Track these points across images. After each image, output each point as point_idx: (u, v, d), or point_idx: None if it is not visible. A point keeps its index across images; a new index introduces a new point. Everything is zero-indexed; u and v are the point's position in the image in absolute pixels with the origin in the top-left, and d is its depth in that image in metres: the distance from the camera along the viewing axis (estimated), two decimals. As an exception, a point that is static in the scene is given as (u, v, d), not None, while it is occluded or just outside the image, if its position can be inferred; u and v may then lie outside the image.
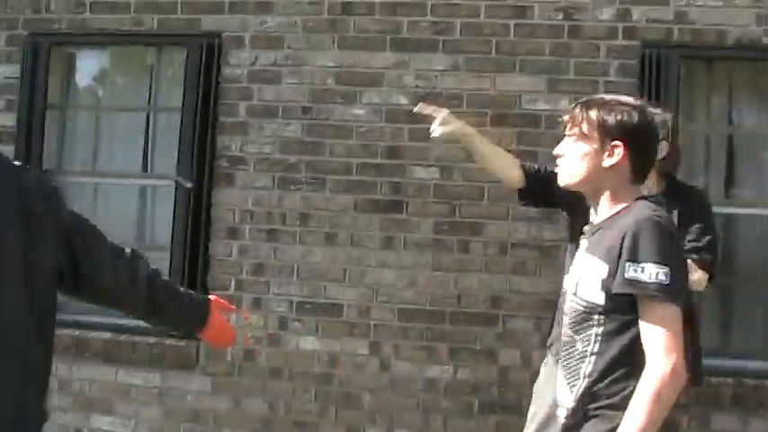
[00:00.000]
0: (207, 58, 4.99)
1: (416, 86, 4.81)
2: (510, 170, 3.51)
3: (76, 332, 4.99)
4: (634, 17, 4.68)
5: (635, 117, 2.42)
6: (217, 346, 2.56)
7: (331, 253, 4.86)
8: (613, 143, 2.42)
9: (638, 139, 2.43)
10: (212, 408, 4.94)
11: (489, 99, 4.77)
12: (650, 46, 4.65)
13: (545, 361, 3.68)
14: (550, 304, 3.55)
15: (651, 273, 2.30)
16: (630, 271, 2.32)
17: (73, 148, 5.47)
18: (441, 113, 3.43)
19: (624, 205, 2.46)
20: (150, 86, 5.38)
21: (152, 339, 4.98)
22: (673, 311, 2.32)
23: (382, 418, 4.78)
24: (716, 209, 4.74)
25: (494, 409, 4.64)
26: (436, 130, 3.41)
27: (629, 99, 2.52)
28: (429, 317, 4.75)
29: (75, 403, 5.07)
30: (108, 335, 5.04)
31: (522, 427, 3.74)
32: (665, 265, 2.30)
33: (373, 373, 4.80)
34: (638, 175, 2.48)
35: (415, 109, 3.57)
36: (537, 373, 3.78)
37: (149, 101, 5.40)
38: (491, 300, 4.71)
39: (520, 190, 3.54)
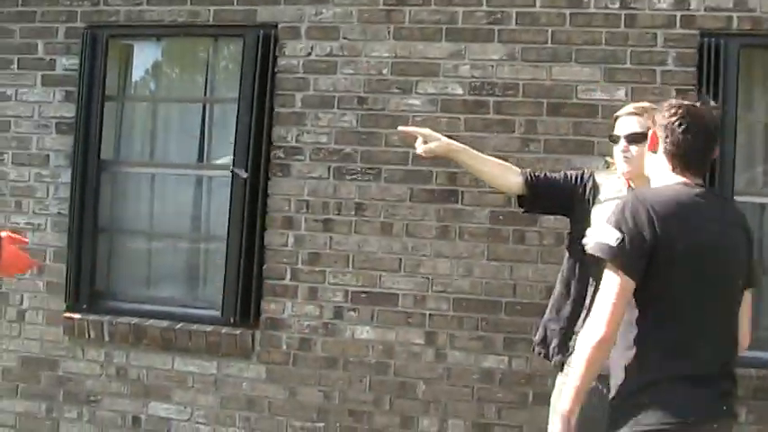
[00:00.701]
0: (263, 48, 5.03)
1: (472, 76, 4.81)
2: (504, 178, 3.53)
3: (134, 320, 5.05)
4: (692, 5, 4.62)
5: (669, 113, 2.71)
6: (10, 275, 2.94)
7: (386, 242, 4.87)
8: (652, 136, 2.77)
9: (667, 131, 2.70)
10: (268, 396, 4.99)
11: (545, 89, 4.74)
12: (709, 34, 4.60)
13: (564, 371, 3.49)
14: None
15: (602, 232, 2.56)
16: (593, 231, 2.68)
17: (130, 139, 5.54)
18: (422, 132, 3.54)
19: None
20: (206, 77, 5.42)
21: (209, 328, 5.04)
22: (611, 279, 2.50)
23: (437, 407, 4.80)
24: (775, 199, 4.77)
25: (549, 401, 4.59)
26: (419, 147, 3.51)
27: (683, 101, 2.76)
28: (484, 307, 4.75)
29: (133, 390, 5.15)
30: (165, 323, 5.09)
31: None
32: (618, 230, 2.51)
33: (428, 362, 4.81)
34: (677, 164, 2.69)
35: (399, 128, 3.80)
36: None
37: (205, 92, 5.44)
38: (547, 290, 4.64)
39: (520, 197, 3.54)
